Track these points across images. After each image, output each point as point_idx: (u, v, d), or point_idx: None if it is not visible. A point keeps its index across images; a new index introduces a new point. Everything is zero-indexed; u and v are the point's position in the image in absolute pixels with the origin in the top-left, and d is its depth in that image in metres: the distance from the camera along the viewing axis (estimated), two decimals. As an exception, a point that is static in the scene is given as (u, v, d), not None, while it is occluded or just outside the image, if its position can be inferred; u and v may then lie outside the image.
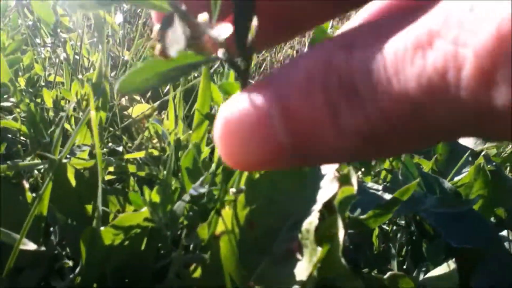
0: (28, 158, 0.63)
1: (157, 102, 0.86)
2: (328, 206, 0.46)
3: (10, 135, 0.73)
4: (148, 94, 1.12)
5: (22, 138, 0.76)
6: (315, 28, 0.78)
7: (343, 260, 0.43)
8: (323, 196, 0.45)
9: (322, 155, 0.17)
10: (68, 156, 0.58)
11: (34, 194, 0.57)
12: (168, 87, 1.16)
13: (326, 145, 0.16)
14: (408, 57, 0.14)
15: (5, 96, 0.65)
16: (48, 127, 0.57)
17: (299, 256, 0.45)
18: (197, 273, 0.48)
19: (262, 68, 2.01)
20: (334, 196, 0.45)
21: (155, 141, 0.87)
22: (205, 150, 0.56)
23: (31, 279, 0.47)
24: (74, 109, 0.59)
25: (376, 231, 0.67)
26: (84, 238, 0.43)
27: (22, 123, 0.70)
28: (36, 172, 0.65)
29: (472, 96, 0.12)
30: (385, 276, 0.50)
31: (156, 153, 0.66)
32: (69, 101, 0.59)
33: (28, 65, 0.87)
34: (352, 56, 0.15)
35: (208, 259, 0.47)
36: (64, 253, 0.52)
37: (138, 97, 1.16)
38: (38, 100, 0.84)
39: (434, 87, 0.13)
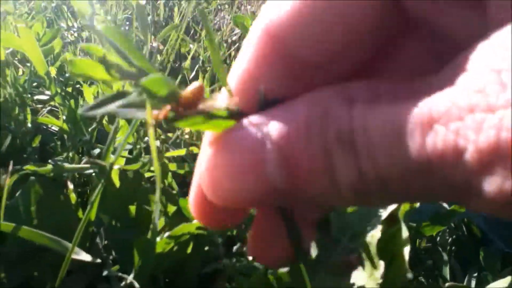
0: (65, 155, 0.61)
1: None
2: (389, 217, 0.44)
3: (45, 127, 0.71)
4: (177, 82, 1.10)
5: (54, 129, 0.75)
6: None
7: (409, 275, 0.41)
8: (386, 208, 0.43)
9: (314, 200, 0.17)
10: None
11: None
12: (200, 77, 1.13)
13: (319, 192, 0.17)
14: (408, 131, 0.15)
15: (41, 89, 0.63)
16: (88, 124, 0.55)
17: (358, 268, 0.44)
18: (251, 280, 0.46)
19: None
20: (397, 208, 0.43)
21: (187, 135, 0.85)
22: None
23: (78, 284, 0.46)
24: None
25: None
26: (137, 247, 0.42)
27: (58, 117, 0.68)
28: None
29: (465, 178, 0.14)
30: (445, 287, 0.48)
31: (196, 150, 0.64)
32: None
33: (58, 53, 0.85)
34: (353, 111, 0.16)
35: (262, 267, 0.46)
36: (110, 257, 0.50)
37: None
38: (69, 89, 0.83)
39: (431, 162, 0.14)
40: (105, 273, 0.47)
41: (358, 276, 0.44)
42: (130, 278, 0.39)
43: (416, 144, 0.15)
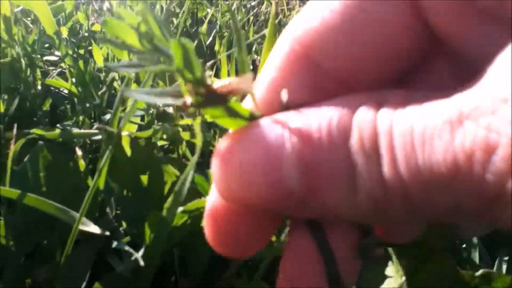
0: (75, 119, 0.59)
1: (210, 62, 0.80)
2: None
3: (56, 90, 0.68)
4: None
5: (65, 92, 0.72)
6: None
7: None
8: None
9: (330, 210, 0.16)
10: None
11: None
12: (217, 42, 1.09)
13: (336, 200, 0.16)
14: (437, 130, 0.14)
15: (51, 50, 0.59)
16: (98, 87, 0.52)
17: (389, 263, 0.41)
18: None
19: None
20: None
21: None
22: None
23: (87, 256, 0.44)
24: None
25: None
26: (150, 222, 0.39)
27: (68, 79, 0.65)
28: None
29: (497, 180, 0.13)
30: (477, 274, 0.45)
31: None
32: (120, 60, 0.53)
33: (70, 12, 0.81)
34: (379, 115, 0.15)
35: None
36: (120, 228, 0.48)
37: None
38: (81, 51, 0.79)
39: (459, 164, 0.13)
40: (114, 244, 0.45)
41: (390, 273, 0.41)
42: (138, 255, 0.36)
43: (443, 144, 0.14)
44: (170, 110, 0.68)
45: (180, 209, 0.38)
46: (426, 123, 0.14)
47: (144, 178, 0.53)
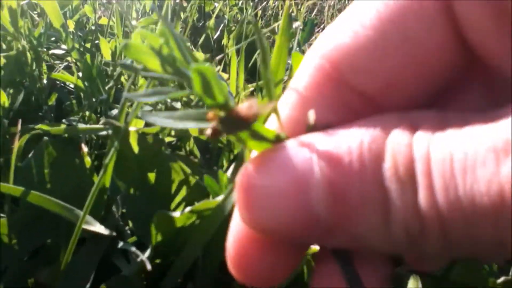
0: (81, 114, 0.57)
1: (219, 57, 0.78)
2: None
3: (62, 84, 0.67)
4: (200, 41, 1.04)
5: (71, 87, 0.71)
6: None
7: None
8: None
9: (359, 240, 0.15)
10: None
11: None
12: (225, 37, 1.07)
13: (367, 229, 0.15)
14: (480, 158, 0.13)
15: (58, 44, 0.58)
16: (105, 81, 0.50)
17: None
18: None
19: (313, 14, 1.87)
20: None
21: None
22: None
23: (92, 257, 0.43)
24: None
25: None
26: (156, 222, 0.38)
27: (74, 73, 0.63)
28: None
29: None
30: (499, 281, 0.43)
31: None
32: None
33: (77, 5, 0.80)
34: (414, 139, 0.14)
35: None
36: (126, 228, 0.47)
37: (188, 44, 1.08)
38: (88, 45, 0.78)
39: (505, 197, 0.12)
40: (120, 244, 0.44)
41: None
42: (144, 257, 0.35)
43: (487, 174, 0.13)
44: (178, 105, 0.66)
45: (188, 209, 0.37)
46: (467, 149, 0.13)
47: (151, 176, 0.52)
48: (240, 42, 1.17)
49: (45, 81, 0.63)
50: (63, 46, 0.61)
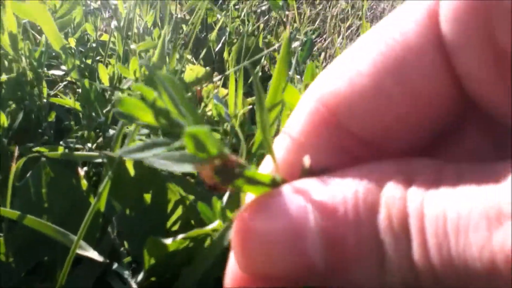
0: (79, 133, 0.58)
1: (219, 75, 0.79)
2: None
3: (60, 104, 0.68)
4: (201, 55, 1.05)
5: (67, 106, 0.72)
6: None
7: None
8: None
9: (354, 284, 0.15)
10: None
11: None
12: (226, 50, 1.08)
13: (363, 279, 0.15)
14: (472, 222, 0.13)
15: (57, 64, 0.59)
16: (104, 105, 0.51)
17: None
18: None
19: (316, 24, 1.88)
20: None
21: (210, 111, 0.80)
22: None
23: (87, 278, 0.44)
24: (129, 88, 0.53)
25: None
26: (149, 248, 0.39)
27: (74, 97, 0.65)
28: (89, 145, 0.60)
29: None
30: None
31: (217, 136, 0.60)
32: (125, 77, 0.53)
33: (79, 22, 0.81)
34: (409, 193, 0.14)
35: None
36: (122, 249, 0.48)
37: (189, 57, 1.09)
38: (89, 61, 0.79)
39: (497, 265, 0.13)
40: (115, 266, 0.45)
41: None
42: (132, 284, 0.35)
43: (480, 240, 0.13)
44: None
45: (180, 236, 0.38)
46: (460, 210, 0.13)
47: (147, 196, 0.52)
48: (242, 55, 1.18)
49: (44, 100, 0.64)
50: (63, 67, 0.62)
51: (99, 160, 0.44)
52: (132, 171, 0.48)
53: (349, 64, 0.18)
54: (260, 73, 1.31)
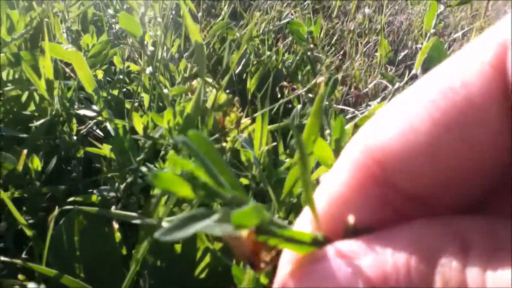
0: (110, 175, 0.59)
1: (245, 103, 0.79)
2: None
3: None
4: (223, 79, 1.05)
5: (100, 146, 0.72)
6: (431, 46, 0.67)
7: None
8: None
9: None
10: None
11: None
12: (248, 80, 1.09)
13: None
14: None
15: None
16: (137, 153, 0.52)
17: None
18: None
19: (334, 39, 1.87)
20: None
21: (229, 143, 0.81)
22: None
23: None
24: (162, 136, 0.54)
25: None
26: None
27: (106, 139, 0.65)
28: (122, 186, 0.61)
29: None
30: None
31: (245, 181, 0.60)
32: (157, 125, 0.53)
33: (105, 53, 0.82)
34: (468, 269, 0.14)
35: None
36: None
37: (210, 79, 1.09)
38: (115, 92, 0.80)
39: None
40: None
41: None
42: None
43: None
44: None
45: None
46: None
47: (178, 246, 0.53)
48: (263, 82, 1.18)
49: (74, 137, 0.65)
50: (94, 107, 0.63)
51: (137, 221, 0.44)
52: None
53: (401, 117, 0.17)
54: (279, 95, 1.31)
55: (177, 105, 0.49)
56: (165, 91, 0.56)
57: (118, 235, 0.48)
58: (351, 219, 0.17)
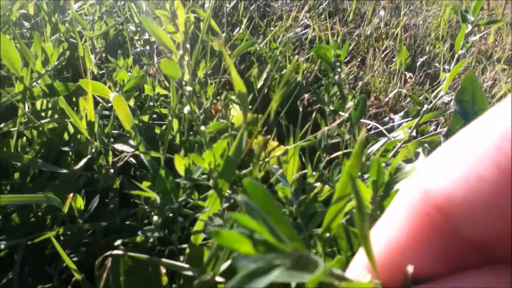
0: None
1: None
2: None
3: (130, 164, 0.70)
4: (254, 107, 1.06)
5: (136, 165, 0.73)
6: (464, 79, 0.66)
7: None
8: None
9: None
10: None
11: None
12: (273, 99, 1.09)
13: None
14: None
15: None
16: (178, 194, 0.53)
17: None
18: None
19: (352, 46, 1.87)
20: None
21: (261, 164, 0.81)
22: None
23: None
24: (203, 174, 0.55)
25: None
26: None
27: (139, 167, 0.66)
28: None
29: None
30: None
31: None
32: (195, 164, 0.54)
33: (137, 82, 0.83)
34: None
35: None
36: None
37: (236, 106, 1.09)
38: (145, 118, 0.81)
39: None
40: None
41: None
42: None
43: None
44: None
45: None
46: None
47: (221, 286, 0.54)
48: (285, 101, 1.19)
49: (111, 171, 0.66)
50: (131, 142, 0.64)
51: (185, 271, 0.45)
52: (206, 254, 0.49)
53: (464, 162, 0.16)
54: (300, 109, 1.31)
55: (215, 147, 0.50)
56: (202, 127, 0.57)
57: (165, 279, 0.49)
58: (410, 268, 0.17)
